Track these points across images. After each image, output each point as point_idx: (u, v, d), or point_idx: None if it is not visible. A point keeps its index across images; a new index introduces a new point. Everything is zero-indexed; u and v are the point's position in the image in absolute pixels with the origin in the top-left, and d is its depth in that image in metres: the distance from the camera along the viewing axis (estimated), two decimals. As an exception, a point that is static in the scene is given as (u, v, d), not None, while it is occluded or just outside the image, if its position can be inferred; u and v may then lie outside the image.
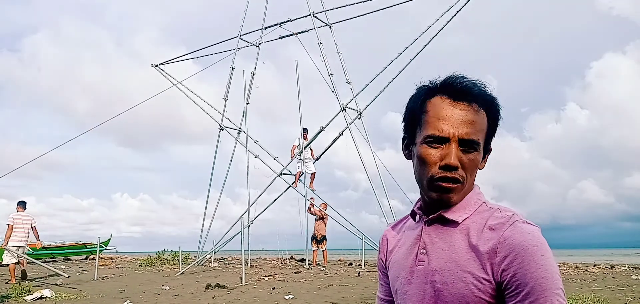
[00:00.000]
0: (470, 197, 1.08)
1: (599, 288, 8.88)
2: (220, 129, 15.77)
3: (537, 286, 0.92)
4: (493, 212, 1.05)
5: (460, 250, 1.03)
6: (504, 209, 1.05)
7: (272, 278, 10.73)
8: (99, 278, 11.40)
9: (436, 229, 1.09)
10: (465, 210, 1.07)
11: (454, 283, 1.01)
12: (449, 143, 1.03)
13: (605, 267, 14.17)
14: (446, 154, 1.02)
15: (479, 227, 1.03)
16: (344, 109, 14.09)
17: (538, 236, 0.97)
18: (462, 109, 1.03)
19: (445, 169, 1.03)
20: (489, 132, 1.07)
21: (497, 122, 1.09)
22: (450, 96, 1.05)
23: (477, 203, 1.08)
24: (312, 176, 14.50)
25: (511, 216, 1.01)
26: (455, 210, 1.07)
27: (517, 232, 0.97)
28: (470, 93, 1.04)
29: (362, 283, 9.73)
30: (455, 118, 1.03)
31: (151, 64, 17.14)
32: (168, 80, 16.54)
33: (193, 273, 12.22)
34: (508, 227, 0.99)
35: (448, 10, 12.85)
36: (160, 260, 16.20)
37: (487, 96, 1.06)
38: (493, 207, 1.06)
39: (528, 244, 0.95)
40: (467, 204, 1.08)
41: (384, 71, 13.85)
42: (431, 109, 1.06)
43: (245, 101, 15.62)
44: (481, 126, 1.04)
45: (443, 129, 1.03)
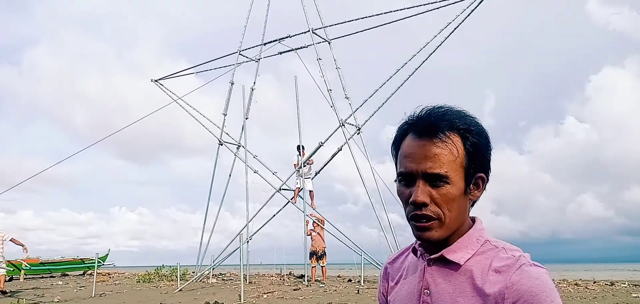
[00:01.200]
0: (472, 234, 1.06)
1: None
2: (220, 144, 15.79)
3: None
4: (498, 252, 1.02)
5: (465, 293, 1.01)
6: (510, 249, 1.02)
7: (271, 295, 10.66)
8: (97, 294, 11.31)
9: (439, 270, 1.06)
10: (467, 249, 1.04)
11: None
12: (415, 180, 1.02)
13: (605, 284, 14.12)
14: (413, 192, 1.01)
15: (483, 268, 1.01)
16: (343, 124, 14.13)
17: (546, 280, 0.95)
18: (425, 143, 1.02)
19: (415, 207, 1.01)
20: (470, 160, 1.02)
21: (478, 149, 1.04)
22: (415, 132, 1.04)
23: (479, 241, 1.05)
24: (311, 194, 14.48)
25: (518, 259, 0.99)
26: (457, 250, 1.04)
27: (525, 277, 0.95)
28: (434, 127, 1.02)
29: (362, 300, 9.67)
30: (418, 153, 1.02)
31: (150, 79, 17.20)
32: (167, 95, 16.59)
33: (191, 290, 12.13)
34: (515, 270, 0.97)
35: (446, 27, 12.97)
36: (159, 276, 16.10)
37: (459, 124, 1.03)
38: (498, 247, 1.03)
39: (537, 289, 0.93)
40: (468, 242, 1.05)
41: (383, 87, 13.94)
42: (402, 148, 1.06)
43: (244, 116, 15.65)
44: (449, 158, 1.00)
45: (407, 166, 1.03)
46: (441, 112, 1.05)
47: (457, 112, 1.05)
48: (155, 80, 17.10)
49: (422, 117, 1.05)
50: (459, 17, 12.76)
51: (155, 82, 17.06)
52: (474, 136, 1.03)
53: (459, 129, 1.02)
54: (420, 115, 1.06)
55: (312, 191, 14.53)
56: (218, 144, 15.79)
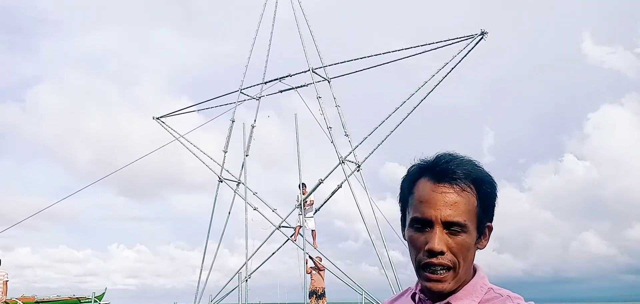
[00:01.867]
0: (476, 282, 1.06)
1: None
2: (220, 181, 15.83)
3: None
4: (504, 301, 1.01)
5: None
6: (515, 298, 1.01)
7: (270, 334, 10.46)
8: (92, 334, 11.10)
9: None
10: (473, 297, 1.03)
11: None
12: (433, 227, 0.99)
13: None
14: (430, 238, 0.99)
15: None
16: (343, 161, 14.22)
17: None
18: (444, 190, 1.00)
19: (430, 255, 0.99)
20: (483, 210, 1.04)
21: (490, 199, 1.05)
22: (433, 178, 1.03)
23: (483, 289, 1.05)
24: (312, 234, 14.41)
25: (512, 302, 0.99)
26: (463, 297, 1.03)
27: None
28: (453, 174, 1.01)
29: (363, 340, 9.49)
30: (438, 200, 1.00)
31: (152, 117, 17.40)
32: (169, 133, 16.76)
33: (189, 329, 11.90)
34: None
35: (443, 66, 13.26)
36: (155, 315, 15.81)
37: (474, 174, 1.03)
38: (502, 295, 1.03)
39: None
40: (473, 289, 1.04)
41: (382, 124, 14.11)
42: (416, 192, 1.05)
43: (244, 153, 15.76)
44: (467, 207, 1.00)
45: (425, 211, 1.00)
46: (457, 160, 1.05)
47: (470, 161, 1.06)
48: (157, 117, 17.30)
49: (440, 163, 1.04)
50: (456, 58, 13.07)
51: (157, 119, 17.26)
52: (487, 185, 1.05)
53: (474, 179, 1.03)
54: (437, 160, 1.05)
55: (314, 230, 14.45)
56: (218, 181, 15.84)
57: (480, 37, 12.81)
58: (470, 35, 12.96)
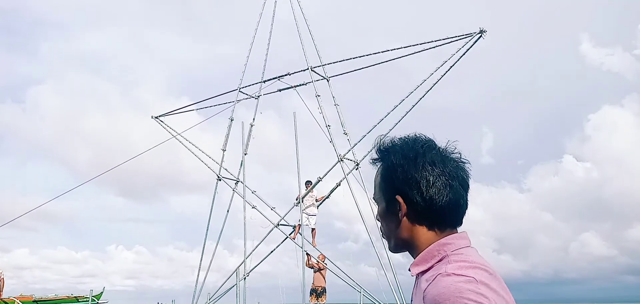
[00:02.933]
0: (433, 249, 1.09)
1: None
2: (218, 180, 15.81)
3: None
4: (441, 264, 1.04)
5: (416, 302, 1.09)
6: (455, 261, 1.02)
7: (268, 332, 10.44)
8: (90, 332, 11.07)
9: (417, 283, 1.14)
10: (426, 262, 1.08)
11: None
12: None
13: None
14: None
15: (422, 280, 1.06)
16: (342, 160, 14.21)
17: (454, 287, 0.93)
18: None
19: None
20: (386, 182, 1.15)
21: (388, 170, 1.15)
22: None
23: (440, 254, 1.07)
24: (313, 232, 14.39)
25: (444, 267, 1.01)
26: (416, 262, 1.12)
27: (435, 286, 0.97)
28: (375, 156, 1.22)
29: (361, 337, 9.47)
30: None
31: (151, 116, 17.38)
32: (168, 131, 16.73)
33: (187, 327, 11.87)
34: (432, 281, 1.00)
35: (442, 65, 13.27)
36: (153, 314, 15.78)
37: (378, 152, 1.20)
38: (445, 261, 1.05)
39: (441, 297, 0.93)
40: (429, 256, 1.09)
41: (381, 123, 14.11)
42: None
43: (243, 152, 15.75)
44: (377, 181, 1.20)
45: None
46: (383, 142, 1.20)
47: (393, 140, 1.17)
48: (156, 116, 17.28)
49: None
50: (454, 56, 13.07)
51: (156, 118, 17.23)
52: (382, 160, 1.17)
53: (378, 157, 1.19)
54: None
55: (314, 229, 14.44)
56: (216, 179, 15.82)
57: (479, 35, 12.81)
58: (468, 33, 12.96)
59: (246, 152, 15.78)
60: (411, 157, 1.11)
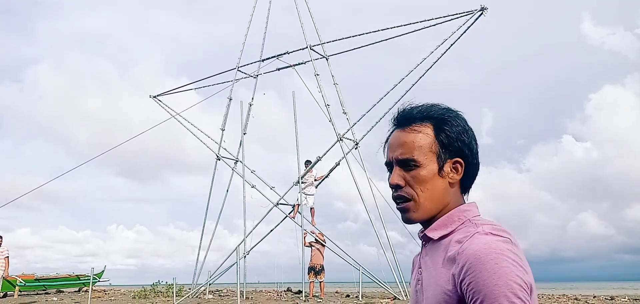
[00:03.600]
0: (454, 214, 1.11)
1: (598, 319, 8.77)
2: (217, 159, 15.80)
3: (489, 294, 0.92)
4: (469, 227, 1.06)
5: (438, 265, 1.07)
6: (481, 223, 1.05)
7: (268, 309, 10.55)
8: (92, 310, 11.18)
9: (428, 249, 1.14)
10: (447, 227, 1.10)
11: (430, 298, 1.06)
12: (393, 167, 1.15)
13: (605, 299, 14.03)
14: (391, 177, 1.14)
15: (452, 241, 1.06)
16: (341, 139, 14.19)
17: (495, 245, 0.96)
18: (398, 134, 1.16)
19: (392, 190, 1.15)
20: (443, 146, 1.12)
21: (450, 134, 1.13)
22: (395, 126, 1.19)
23: (460, 219, 1.10)
24: (312, 211, 14.43)
25: (477, 228, 1.03)
26: (436, 227, 1.12)
27: (474, 243, 0.98)
28: (409, 117, 1.15)
29: (360, 314, 9.58)
30: (393, 143, 1.16)
31: (149, 96, 17.28)
32: (166, 111, 16.66)
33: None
34: (469, 239, 1.01)
35: (441, 44, 13.15)
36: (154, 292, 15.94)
37: (431, 112, 1.15)
38: (473, 223, 1.07)
39: (482, 253, 0.95)
40: (449, 221, 1.11)
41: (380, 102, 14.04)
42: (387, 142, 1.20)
43: (242, 132, 15.71)
44: (420, 143, 1.12)
45: (386, 156, 1.18)
46: (420, 106, 1.17)
47: (437, 105, 1.16)
48: (154, 96, 17.18)
49: (399, 112, 1.19)
50: (454, 35, 12.95)
51: (154, 98, 17.14)
52: (447, 123, 1.13)
53: (432, 118, 1.14)
54: (398, 110, 1.19)
55: (313, 208, 14.49)
56: (216, 159, 15.81)
57: (480, 13, 12.66)
58: (469, 11, 12.81)
59: (245, 132, 15.75)
60: (468, 125, 1.16)
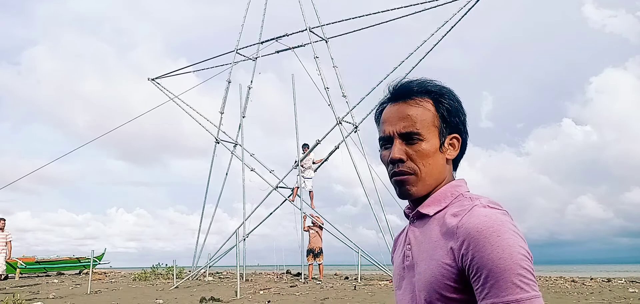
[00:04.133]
0: (446, 190, 1.11)
1: (596, 301, 8.85)
2: (216, 143, 15.77)
3: (495, 268, 0.90)
4: (464, 201, 1.05)
5: (432, 240, 1.06)
6: (476, 198, 1.05)
7: (267, 291, 10.63)
8: (92, 291, 11.25)
9: (418, 225, 1.13)
10: (440, 203, 1.09)
11: (425, 272, 1.04)
12: (393, 141, 1.11)
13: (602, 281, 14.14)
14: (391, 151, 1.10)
15: (446, 215, 1.05)
16: (340, 122, 14.15)
17: (496, 217, 0.96)
18: (399, 107, 1.12)
19: (393, 164, 1.10)
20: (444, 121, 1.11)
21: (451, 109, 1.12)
22: (392, 100, 1.15)
23: (453, 195, 1.09)
24: (310, 195, 14.45)
25: (474, 202, 1.02)
26: (429, 204, 1.10)
27: (474, 216, 0.97)
28: (408, 91, 1.12)
29: (358, 296, 9.65)
30: (393, 116, 1.12)
31: (147, 78, 17.17)
32: (165, 94, 16.56)
33: (187, 287, 12.08)
34: (467, 212, 1.00)
35: (442, 26, 13.02)
36: (155, 274, 16.04)
37: (431, 88, 1.12)
38: (467, 197, 1.07)
39: (483, 226, 0.94)
40: (441, 196, 1.10)
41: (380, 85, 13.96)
42: (381, 117, 1.16)
43: (241, 115, 15.65)
44: (423, 117, 1.09)
45: (385, 129, 1.13)
46: (416, 80, 1.15)
47: (431, 80, 1.15)
48: (152, 78, 17.07)
49: (397, 86, 1.15)
50: (455, 17, 12.81)
51: (152, 80, 17.03)
52: (446, 99, 1.12)
53: (431, 93, 1.12)
54: (395, 85, 1.16)
55: (312, 192, 14.51)
56: (215, 142, 15.78)
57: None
58: (470, -7, 12.65)
59: (244, 115, 15.69)
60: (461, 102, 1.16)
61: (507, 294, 0.89)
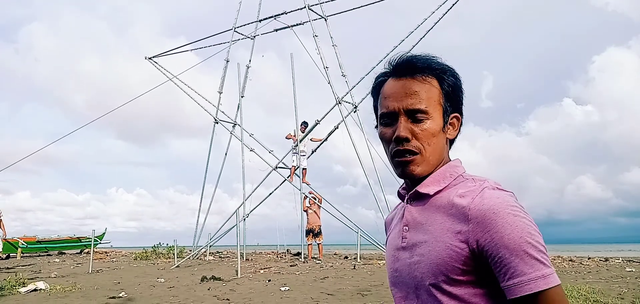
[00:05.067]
0: (445, 170, 1.09)
1: (593, 280, 8.92)
2: (215, 123, 15.70)
3: (516, 248, 0.91)
4: (467, 182, 1.05)
5: (435, 222, 1.04)
6: (479, 179, 1.04)
7: (267, 270, 10.71)
8: (94, 271, 11.34)
9: (416, 206, 1.11)
10: (440, 183, 1.08)
11: (429, 254, 1.02)
12: (398, 118, 1.06)
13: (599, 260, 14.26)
14: (396, 129, 1.06)
15: (450, 196, 1.04)
16: (340, 102, 14.07)
17: (508, 199, 0.96)
18: (405, 83, 1.07)
19: (397, 143, 1.06)
20: (446, 99, 1.08)
21: (454, 88, 1.09)
22: (395, 75, 1.10)
23: (452, 176, 1.08)
24: (303, 172, 14.47)
25: (482, 183, 1.02)
26: (429, 183, 1.08)
27: (486, 197, 0.97)
28: (413, 67, 1.08)
29: (358, 275, 9.73)
30: (399, 92, 1.07)
31: (144, 57, 17.01)
32: (163, 73, 16.43)
33: (188, 266, 12.18)
34: (478, 194, 0.99)
35: (443, 3, 12.86)
36: (155, 254, 16.15)
37: (434, 65, 1.08)
38: (469, 178, 1.06)
39: (498, 208, 0.94)
40: (441, 176, 1.09)
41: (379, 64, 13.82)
42: (382, 92, 1.11)
43: (240, 94, 15.55)
44: (429, 94, 1.06)
45: (389, 105, 1.07)
46: (417, 56, 1.10)
47: (433, 57, 1.11)
48: (150, 58, 16.91)
49: (401, 61, 1.10)
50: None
51: (149, 59, 16.87)
52: (450, 77, 1.09)
53: (435, 70, 1.08)
54: (397, 60, 1.11)
55: (306, 169, 14.53)
56: (213, 122, 15.71)
57: (483, -29, 12.32)
58: (472, -30, 12.47)
59: (243, 95, 15.59)
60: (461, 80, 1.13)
61: (533, 271, 0.91)
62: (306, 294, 7.29)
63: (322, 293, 7.34)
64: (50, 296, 7.34)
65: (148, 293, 7.63)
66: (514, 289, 0.92)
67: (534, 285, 0.90)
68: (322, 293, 7.34)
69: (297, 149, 14.29)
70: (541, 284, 0.90)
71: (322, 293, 7.34)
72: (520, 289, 0.91)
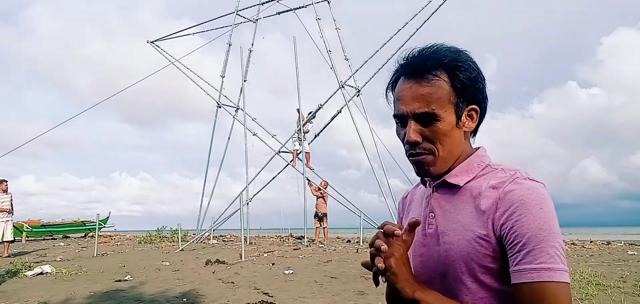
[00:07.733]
0: (472, 160, 1.10)
1: (596, 263, 8.95)
2: (218, 107, 15.68)
3: (533, 237, 0.93)
4: (497, 172, 1.06)
5: (464, 211, 1.05)
6: (508, 169, 1.05)
7: (271, 254, 10.78)
8: (99, 254, 11.44)
9: (443, 194, 1.11)
10: (468, 173, 1.09)
11: (458, 242, 1.03)
12: (408, 121, 1.07)
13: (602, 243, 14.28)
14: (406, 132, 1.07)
15: (481, 186, 1.05)
16: (343, 86, 14.00)
17: (539, 190, 0.97)
18: (412, 86, 1.06)
19: (409, 146, 1.08)
20: (460, 94, 1.06)
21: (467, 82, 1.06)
22: (406, 75, 1.08)
23: (480, 166, 1.09)
24: (307, 155, 14.48)
25: (513, 173, 1.02)
26: (457, 174, 1.09)
27: (517, 187, 0.98)
28: (422, 67, 1.06)
29: (361, 258, 9.78)
30: (407, 96, 1.06)
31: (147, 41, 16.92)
32: (165, 57, 16.35)
33: (192, 250, 12.27)
34: (509, 183, 1.00)
35: (448, -14, 12.69)
36: (160, 238, 16.27)
37: (446, 61, 1.06)
38: (497, 168, 1.07)
39: (527, 198, 0.96)
40: (469, 167, 1.09)
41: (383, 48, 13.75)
42: (396, 91, 1.11)
43: (242, 78, 15.49)
44: (437, 95, 1.04)
45: (399, 108, 1.07)
46: (430, 51, 1.08)
47: (447, 49, 1.08)
48: (152, 41, 16.82)
49: (411, 59, 1.09)
50: (461, -25, 12.48)
51: (152, 43, 16.79)
52: (462, 70, 1.06)
53: (446, 66, 1.06)
54: (410, 56, 1.09)
55: (309, 152, 14.55)
56: (216, 106, 15.68)
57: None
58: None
59: (245, 79, 15.54)
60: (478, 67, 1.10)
61: (542, 261, 0.92)
62: (310, 277, 7.34)
63: (326, 276, 7.39)
64: (56, 280, 7.42)
65: (154, 276, 7.70)
66: (517, 275, 0.93)
67: (536, 275, 0.91)
68: (325, 276, 7.39)
69: (298, 135, 14.28)
70: (544, 275, 0.91)
71: (326, 276, 7.39)
72: (522, 276, 0.92)
